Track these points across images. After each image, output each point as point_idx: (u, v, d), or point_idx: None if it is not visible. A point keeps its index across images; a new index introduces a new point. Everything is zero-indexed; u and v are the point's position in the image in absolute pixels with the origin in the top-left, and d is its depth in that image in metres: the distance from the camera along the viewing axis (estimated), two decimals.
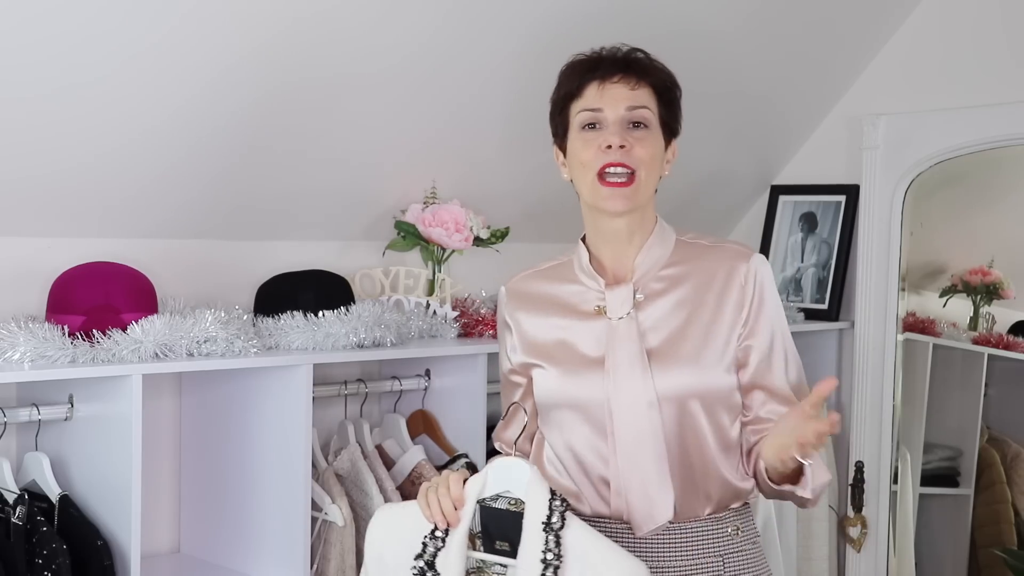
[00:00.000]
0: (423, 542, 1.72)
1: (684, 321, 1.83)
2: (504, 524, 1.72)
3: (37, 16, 1.90)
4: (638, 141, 1.81)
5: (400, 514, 1.78)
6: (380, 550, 1.75)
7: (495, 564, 1.72)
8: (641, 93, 1.83)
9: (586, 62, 1.87)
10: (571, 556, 1.67)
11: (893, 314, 3.14)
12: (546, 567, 1.67)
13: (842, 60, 3.21)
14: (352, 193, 2.62)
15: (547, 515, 1.70)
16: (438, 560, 1.70)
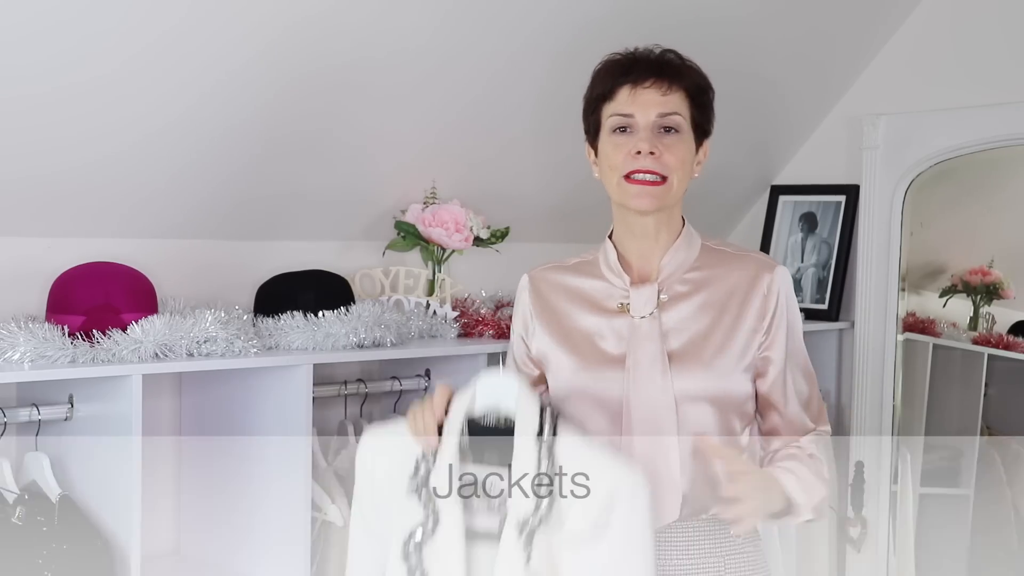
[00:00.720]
0: (416, 461, 1.73)
1: (706, 325, 1.85)
2: (494, 437, 1.73)
3: (38, 17, 1.90)
4: (668, 148, 1.82)
5: (390, 436, 1.78)
6: (371, 469, 1.76)
7: (488, 479, 1.72)
8: (673, 98, 1.84)
9: (619, 64, 1.88)
10: (564, 459, 1.69)
11: (893, 314, 3.14)
12: (540, 479, 1.68)
13: (842, 60, 3.21)
14: (352, 193, 2.62)
15: (538, 427, 1.71)
16: (431, 479, 1.71)
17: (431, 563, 1.68)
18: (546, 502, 1.67)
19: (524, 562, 1.65)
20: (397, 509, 1.72)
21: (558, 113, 2.73)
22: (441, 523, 1.69)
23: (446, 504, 1.69)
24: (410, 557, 1.69)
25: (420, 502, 1.70)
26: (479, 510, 1.71)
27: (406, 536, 1.70)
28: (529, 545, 1.66)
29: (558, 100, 2.71)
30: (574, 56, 2.62)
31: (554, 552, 1.66)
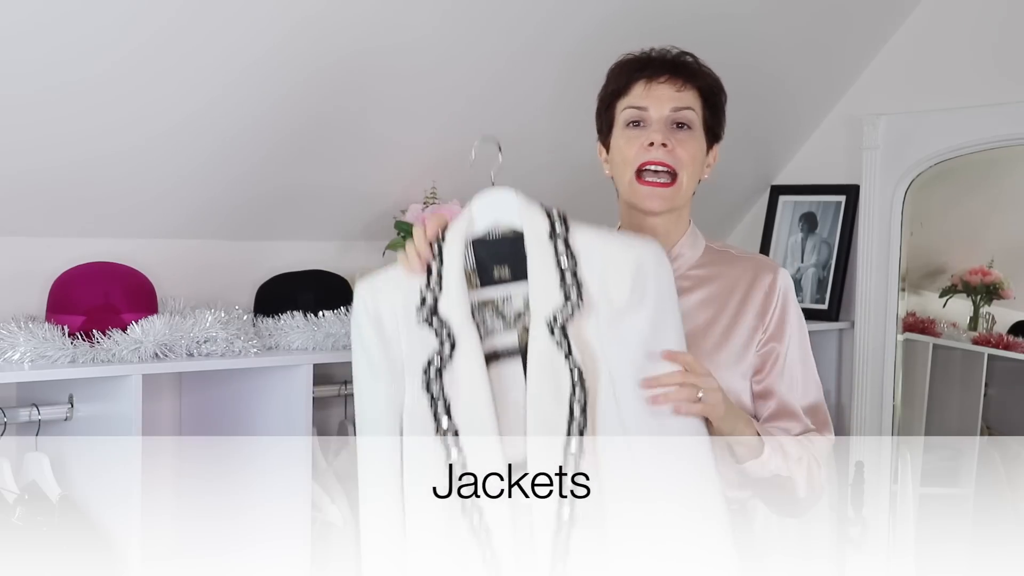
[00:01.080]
0: (421, 292, 1.71)
1: (705, 321, 1.87)
2: (501, 251, 1.72)
3: (38, 14, 1.90)
4: (681, 142, 1.84)
5: (384, 277, 1.76)
6: (376, 312, 1.73)
7: (499, 298, 1.72)
8: (687, 95, 1.87)
9: (635, 61, 1.91)
10: (584, 257, 1.69)
11: (893, 314, 3.14)
12: (564, 273, 1.68)
13: (842, 60, 3.21)
14: (352, 193, 2.62)
15: (549, 227, 1.71)
16: (440, 306, 1.70)
17: (453, 388, 1.68)
18: (575, 294, 1.67)
19: (564, 356, 1.65)
20: (408, 343, 1.70)
21: (559, 113, 2.73)
22: (458, 347, 1.68)
23: (461, 328, 1.68)
24: (432, 385, 1.68)
25: (432, 331, 1.69)
26: (494, 330, 1.71)
27: (424, 365, 1.69)
28: (564, 337, 1.66)
29: (559, 100, 2.72)
30: (576, 56, 2.63)
31: (592, 333, 1.67)
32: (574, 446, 1.65)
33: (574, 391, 1.65)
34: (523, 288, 1.71)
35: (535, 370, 1.67)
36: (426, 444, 1.68)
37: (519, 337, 1.71)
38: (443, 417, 1.68)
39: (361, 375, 1.75)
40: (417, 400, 1.69)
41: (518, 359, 1.70)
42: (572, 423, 1.65)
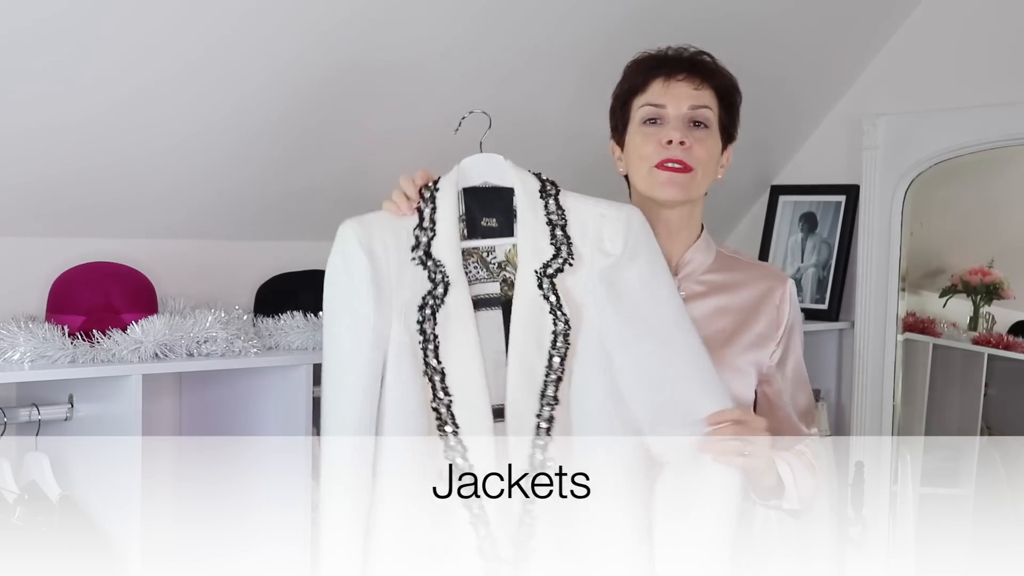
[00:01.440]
0: (415, 234, 1.75)
1: (719, 328, 1.90)
2: (490, 202, 1.78)
3: (42, 15, 1.90)
4: (698, 141, 1.86)
5: (373, 216, 1.79)
6: (370, 246, 1.74)
7: (484, 248, 1.78)
8: (704, 93, 1.88)
9: (652, 59, 1.92)
10: (574, 214, 1.77)
11: (893, 314, 3.14)
12: (553, 227, 1.75)
13: (842, 60, 3.21)
14: (353, 193, 2.61)
15: (540, 186, 1.79)
16: (433, 248, 1.74)
17: (444, 329, 1.71)
18: (565, 249, 1.74)
19: (551, 307, 1.72)
20: (399, 281, 1.73)
21: (563, 113, 2.73)
22: (451, 289, 1.72)
23: (454, 270, 1.72)
24: (425, 324, 1.71)
25: (427, 271, 1.73)
26: (477, 279, 1.77)
27: (419, 304, 1.72)
28: (552, 290, 1.72)
29: (559, 101, 2.72)
30: (579, 57, 2.63)
31: (579, 288, 1.73)
32: (550, 392, 1.70)
33: (555, 342, 1.71)
34: (508, 242, 1.77)
35: (520, 318, 1.72)
36: (412, 384, 1.70)
37: (500, 288, 1.76)
38: (432, 358, 1.70)
39: (342, 316, 1.74)
40: (405, 339, 1.70)
41: (498, 309, 1.75)
42: (550, 372, 1.71)
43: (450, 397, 1.70)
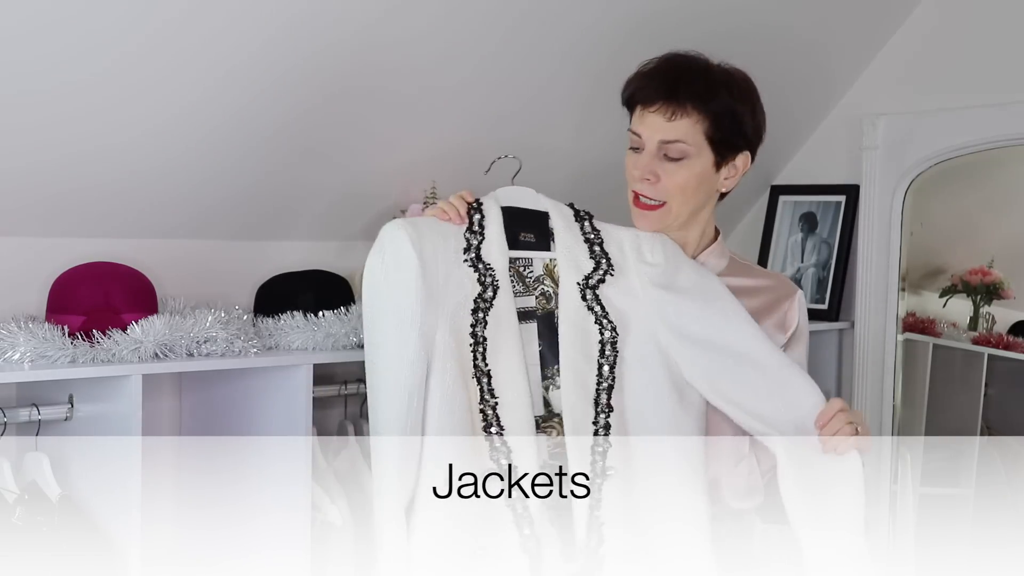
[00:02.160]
0: (465, 237, 1.79)
1: None
2: (526, 219, 1.84)
3: (38, 13, 1.89)
4: (667, 173, 1.87)
5: (421, 221, 1.83)
6: (421, 246, 1.76)
7: (521, 261, 1.82)
8: (679, 124, 1.86)
9: (638, 77, 1.93)
10: (611, 236, 1.85)
11: (893, 314, 3.14)
12: (591, 244, 1.81)
13: (842, 60, 3.20)
14: (352, 193, 2.62)
15: (574, 213, 1.86)
16: (482, 252, 1.78)
17: (493, 331, 1.74)
18: (604, 262, 1.81)
19: (595, 317, 1.77)
20: (445, 286, 1.75)
21: (558, 114, 2.73)
22: (500, 291, 1.76)
23: (502, 273, 1.77)
24: (477, 327, 1.74)
25: (477, 273, 1.77)
26: (515, 291, 1.80)
27: (472, 307, 1.75)
28: (596, 301, 1.77)
29: (559, 102, 2.72)
30: (575, 59, 2.63)
31: (621, 298, 1.79)
32: (603, 399, 1.74)
33: (603, 350, 1.75)
34: (546, 255, 1.83)
35: (567, 330, 1.77)
36: (457, 386, 1.72)
37: (537, 301, 1.80)
38: (480, 360, 1.73)
39: (389, 315, 1.74)
40: (450, 341, 1.73)
41: (534, 323, 1.80)
42: (601, 381, 1.75)
43: (496, 399, 1.73)
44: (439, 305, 1.73)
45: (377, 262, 1.77)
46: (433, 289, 1.73)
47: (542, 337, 1.79)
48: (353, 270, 2.66)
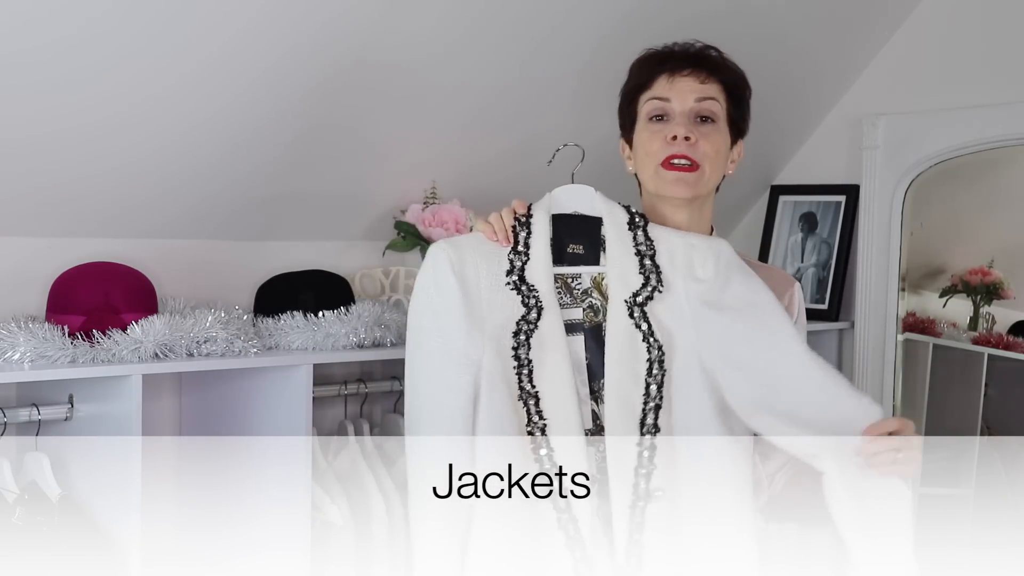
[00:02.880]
0: (509, 258, 1.76)
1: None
2: (577, 228, 1.80)
3: (39, 14, 1.89)
4: (704, 136, 1.85)
5: (464, 241, 1.80)
6: (462, 269, 1.75)
7: (569, 274, 1.79)
8: (710, 87, 1.88)
9: (657, 55, 1.92)
10: (664, 245, 1.79)
11: (893, 314, 3.14)
12: (642, 257, 1.77)
13: (842, 60, 3.20)
14: (352, 193, 2.62)
15: (628, 218, 1.80)
16: (527, 273, 1.75)
17: (538, 353, 1.72)
18: (654, 278, 1.76)
19: (643, 335, 1.73)
20: (489, 306, 1.73)
21: (559, 114, 2.73)
22: (545, 313, 1.73)
23: (547, 295, 1.74)
24: (520, 349, 1.72)
25: (520, 295, 1.74)
26: (563, 304, 1.77)
27: (514, 329, 1.72)
28: (644, 318, 1.74)
29: (559, 101, 2.72)
30: (578, 55, 2.63)
31: (669, 316, 1.75)
32: (650, 420, 1.71)
33: (651, 369, 1.72)
34: (594, 270, 1.79)
35: (613, 348, 1.74)
36: (506, 409, 1.70)
37: (584, 314, 1.77)
38: (527, 382, 1.71)
39: (431, 340, 1.73)
40: (497, 364, 1.71)
41: (581, 335, 1.77)
42: (648, 400, 1.72)
43: (544, 421, 1.71)
44: (483, 329, 1.72)
45: (421, 287, 1.77)
46: (476, 313, 1.72)
47: (589, 350, 1.76)
48: (353, 270, 2.66)
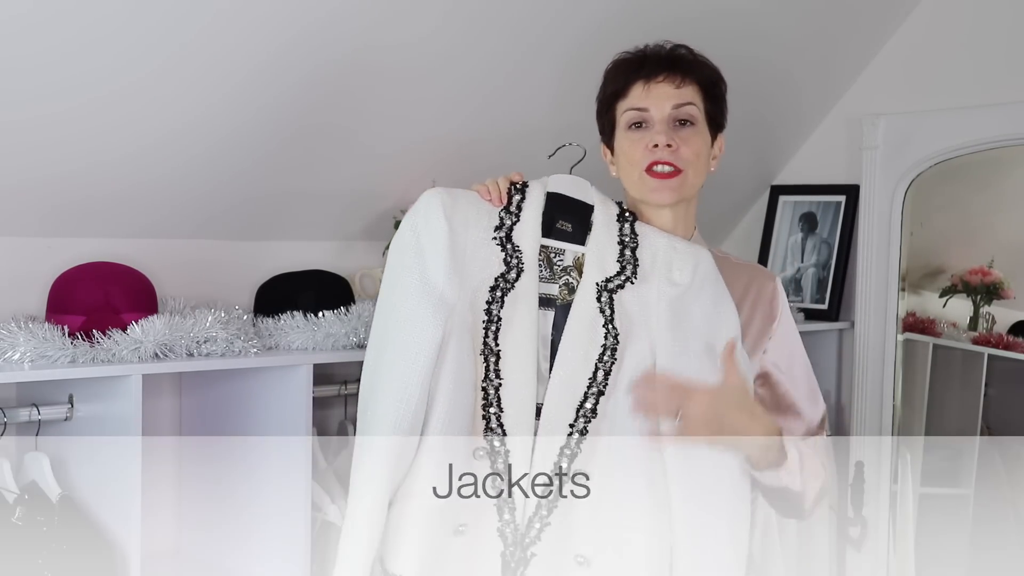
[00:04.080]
0: (500, 216, 1.79)
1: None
2: (568, 208, 1.82)
3: (40, 16, 1.90)
4: (684, 140, 1.85)
5: (460, 192, 1.81)
6: (453, 214, 1.76)
7: (553, 249, 1.81)
8: (686, 91, 1.87)
9: (631, 61, 1.90)
10: (647, 242, 1.81)
11: (893, 314, 3.14)
12: (624, 247, 1.80)
13: (842, 60, 3.21)
14: (352, 193, 2.62)
15: (619, 212, 1.84)
16: (514, 233, 1.77)
17: (509, 312, 1.74)
18: (630, 269, 1.78)
19: (605, 320, 1.75)
20: (472, 261, 1.75)
21: (559, 113, 2.73)
22: (524, 275, 1.75)
23: (530, 258, 1.76)
24: (493, 306, 1.74)
25: (504, 253, 1.76)
26: (541, 276, 1.79)
27: (491, 284, 1.74)
28: (610, 305, 1.76)
29: (559, 100, 2.72)
30: (576, 56, 2.63)
31: (636, 308, 1.76)
32: (589, 404, 1.73)
33: (603, 356, 1.73)
34: (578, 249, 1.80)
35: (573, 327, 1.75)
36: (468, 362, 1.72)
37: (559, 291, 1.79)
38: (491, 338, 1.73)
39: (408, 277, 1.73)
40: (468, 317, 1.72)
41: (551, 311, 1.78)
42: (593, 385, 1.73)
43: (500, 380, 1.73)
44: (463, 279, 1.73)
45: (408, 224, 1.77)
46: (459, 261, 1.73)
47: (556, 328, 1.78)
48: (353, 270, 2.66)
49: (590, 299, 1.76)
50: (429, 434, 1.69)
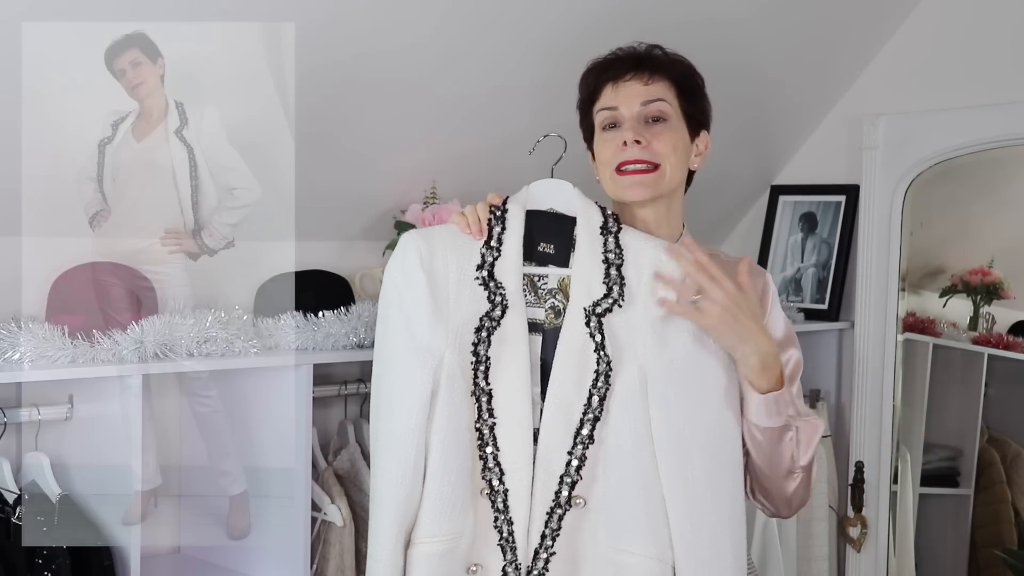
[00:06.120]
0: (481, 253, 1.75)
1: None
2: (549, 228, 1.78)
3: (36, 13, 1.89)
4: (656, 136, 1.84)
5: (436, 232, 1.79)
6: (431, 261, 1.74)
7: (537, 273, 1.78)
8: (655, 87, 1.86)
9: (601, 64, 1.92)
10: (632, 256, 1.76)
11: (893, 314, 3.14)
12: (608, 266, 1.75)
13: (842, 60, 3.21)
14: (352, 193, 2.62)
15: (602, 221, 1.78)
16: (496, 269, 1.74)
17: (498, 351, 1.72)
18: (616, 290, 1.74)
19: (595, 345, 1.72)
20: (456, 300, 1.73)
21: (559, 113, 2.73)
22: (509, 312, 1.73)
23: (514, 294, 1.73)
24: (479, 346, 1.72)
25: (487, 292, 1.73)
26: (527, 302, 1.76)
27: (476, 325, 1.72)
28: (599, 329, 1.72)
29: (559, 100, 2.71)
30: (575, 56, 2.61)
31: (625, 329, 1.72)
32: (586, 431, 1.71)
33: (596, 381, 1.71)
34: (562, 272, 1.77)
35: (563, 354, 1.73)
36: (462, 405, 1.71)
37: (545, 314, 1.77)
38: (481, 379, 1.72)
39: (396, 335, 1.74)
40: (456, 360, 1.71)
41: (540, 336, 1.76)
42: (588, 411, 1.71)
43: (494, 419, 1.72)
44: (447, 324, 1.72)
45: (389, 280, 1.77)
46: (441, 308, 1.72)
47: (545, 352, 1.76)
48: (353, 270, 2.66)
49: (579, 324, 1.73)
50: (429, 479, 1.70)
